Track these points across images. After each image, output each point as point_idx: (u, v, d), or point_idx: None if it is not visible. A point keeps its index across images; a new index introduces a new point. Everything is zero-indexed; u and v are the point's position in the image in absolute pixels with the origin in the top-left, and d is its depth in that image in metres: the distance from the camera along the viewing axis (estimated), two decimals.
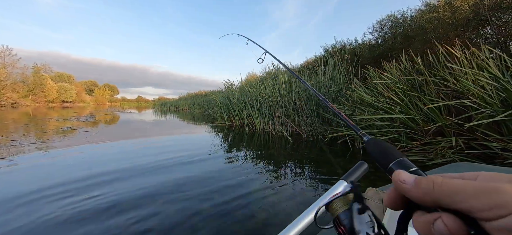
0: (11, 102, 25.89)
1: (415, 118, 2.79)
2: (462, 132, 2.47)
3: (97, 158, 2.93)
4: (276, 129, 5.45)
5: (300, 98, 5.22)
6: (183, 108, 22.23)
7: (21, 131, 5.20)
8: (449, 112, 2.76)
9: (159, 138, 4.56)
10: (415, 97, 2.90)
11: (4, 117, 9.58)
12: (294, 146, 3.72)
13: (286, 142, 4.12)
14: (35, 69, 34.67)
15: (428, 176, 0.20)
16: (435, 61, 3.60)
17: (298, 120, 5.20)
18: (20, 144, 3.64)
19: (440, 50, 3.49)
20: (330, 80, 5.22)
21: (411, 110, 2.85)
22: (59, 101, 39.52)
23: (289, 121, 5.18)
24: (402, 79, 3.42)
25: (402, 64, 4.07)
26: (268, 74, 9.47)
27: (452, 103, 2.47)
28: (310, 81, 5.57)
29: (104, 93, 67.51)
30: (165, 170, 2.46)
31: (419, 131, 2.76)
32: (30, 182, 2.05)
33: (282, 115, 5.27)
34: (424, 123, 2.75)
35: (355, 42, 9.64)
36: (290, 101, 5.36)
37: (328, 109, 4.33)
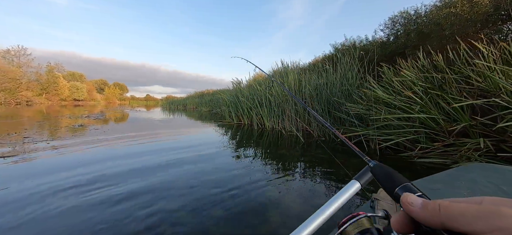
0: (26, 100, 26.78)
1: (436, 118, 2.64)
2: (489, 133, 2.31)
3: (108, 154, 2.93)
4: (286, 128, 5.36)
5: (311, 96, 5.11)
6: (191, 107, 22.38)
7: (37, 128, 5.31)
8: (473, 111, 2.60)
9: (168, 136, 4.54)
10: (437, 96, 2.75)
11: (20, 114, 9.88)
12: (305, 146, 3.62)
13: (297, 142, 4.02)
14: (48, 68, 35.73)
15: (435, 200, 0.21)
16: (456, 58, 3.42)
17: (309, 119, 5.09)
18: (34, 141, 3.69)
19: (461, 45, 3.31)
20: (342, 78, 5.07)
21: (432, 109, 2.70)
22: (71, 99, 40.63)
23: (299, 120, 5.08)
24: (420, 76, 3.26)
25: (419, 61, 3.90)
26: (275, 72, 9.39)
27: (479, 102, 2.31)
28: (321, 79, 5.45)
29: (114, 91, 68.94)
30: (175, 167, 2.43)
31: (441, 131, 2.61)
32: (47, 175, 2.11)
33: (292, 114, 5.17)
34: (446, 123, 2.60)
35: (366, 39, 9.42)
36: (299, 99, 5.26)
37: (341, 108, 4.20)
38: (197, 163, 2.62)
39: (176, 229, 1.33)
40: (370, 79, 3.96)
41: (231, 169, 2.41)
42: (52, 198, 1.67)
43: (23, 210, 1.49)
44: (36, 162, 2.58)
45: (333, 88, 4.82)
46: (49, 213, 1.47)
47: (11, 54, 30.70)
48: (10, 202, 1.60)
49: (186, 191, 1.84)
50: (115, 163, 2.50)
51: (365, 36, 9.27)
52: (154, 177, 2.13)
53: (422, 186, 0.89)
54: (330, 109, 4.52)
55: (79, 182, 1.98)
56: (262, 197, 1.76)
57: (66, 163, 2.56)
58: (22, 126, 5.53)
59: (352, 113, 3.58)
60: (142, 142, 3.87)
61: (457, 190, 0.84)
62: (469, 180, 0.93)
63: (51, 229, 1.32)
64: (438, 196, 0.72)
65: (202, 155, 3.00)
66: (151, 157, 2.84)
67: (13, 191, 1.77)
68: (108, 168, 2.35)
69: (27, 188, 1.82)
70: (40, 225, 1.35)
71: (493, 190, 0.82)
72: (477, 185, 0.87)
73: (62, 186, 1.87)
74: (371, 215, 0.35)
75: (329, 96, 4.68)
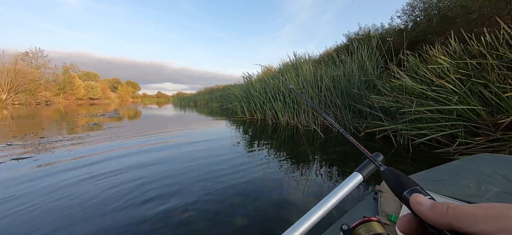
0: (45, 100, 27.92)
1: (477, 110, 2.36)
2: None
3: (125, 151, 2.87)
4: (302, 122, 5.15)
5: (328, 88, 4.85)
6: (201, 103, 22.48)
7: (54, 127, 5.41)
8: None
9: (183, 132, 4.46)
10: (479, 85, 2.45)
11: (39, 114, 10.23)
12: (324, 141, 3.42)
13: (315, 137, 3.82)
14: (64, 69, 36.97)
15: (443, 202, 0.21)
16: (493, 41, 3.06)
17: (326, 112, 4.85)
18: (49, 141, 3.72)
19: (501, 26, 2.95)
20: (360, 68, 4.77)
21: (472, 100, 2.42)
22: (87, 98, 42.01)
23: (317, 113, 4.85)
24: (452, 63, 2.95)
25: (450, 47, 3.56)
26: (285, 65, 9.11)
27: None
28: (338, 70, 5.17)
29: (127, 90, 70.59)
30: (191, 162, 2.33)
31: (483, 124, 2.33)
32: (71, 170, 2.16)
33: (310, 108, 4.94)
34: (489, 116, 2.32)
35: (382, 27, 8.94)
36: (316, 92, 5.01)
37: (362, 100, 3.94)
38: (213, 161, 2.49)
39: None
40: (394, 69, 3.66)
41: (250, 169, 2.27)
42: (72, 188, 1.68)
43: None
44: (47, 164, 2.54)
45: (352, 80, 4.54)
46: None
47: (29, 56, 31.96)
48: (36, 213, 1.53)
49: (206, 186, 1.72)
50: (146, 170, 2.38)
51: (381, 24, 8.79)
52: (174, 171, 2.02)
53: (428, 177, 0.87)
54: (350, 102, 4.26)
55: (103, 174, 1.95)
56: (280, 196, 1.60)
57: (83, 159, 2.51)
58: (40, 126, 5.65)
59: (376, 105, 3.32)
60: (158, 140, 3.80)
61: (463, 180, 0.82)
62: (475, 171, 0.90)
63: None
64: (445, 187, 0.73)
65: (217, 154, 2.88)
66: (163, 153, 2.75)
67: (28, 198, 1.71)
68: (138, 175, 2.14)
69: (38, 193, 1.75)
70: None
71: (500, 181, 0.79)
72: (484, 176, 0.84)
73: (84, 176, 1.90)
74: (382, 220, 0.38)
75: (348, 88, 4.41)
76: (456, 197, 0.70)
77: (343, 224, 0.37)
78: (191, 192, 1.73)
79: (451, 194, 0.72)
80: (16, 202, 1.60)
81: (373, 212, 0.64)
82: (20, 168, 2.31)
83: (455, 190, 0.75)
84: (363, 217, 0.44)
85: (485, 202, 0.80)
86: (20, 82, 25.33)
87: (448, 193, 0.72)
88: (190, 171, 2.18)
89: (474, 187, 0.77)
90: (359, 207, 0.69)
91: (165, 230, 1.26)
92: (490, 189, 0.74)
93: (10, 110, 13.46)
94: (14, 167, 2.37)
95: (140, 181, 1.94)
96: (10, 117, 8.47)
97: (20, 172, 2.22)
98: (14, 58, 25.82)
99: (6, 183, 1.96)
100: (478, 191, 0.74)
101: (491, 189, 0.74)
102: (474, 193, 0.72)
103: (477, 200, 0.68)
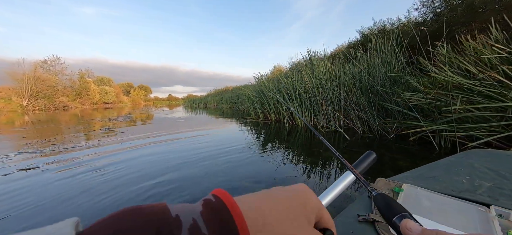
0: (62, 105, 29.03)
1: None
2: None
3: (142, 154, 2.73)
4: (321, 123, 4.85)
5: (348, 86, 4.53)
6: (212, 105, 22.51)
7: (69, 133, 5.42)
8: None
9: (196, 135, 4.30)
10: None
11: (57, 119, 10.50)
12: (349, 144, 3.12)
13: (338, 139, 3.53)
14: (80, 74, 38.37)
15: (433, 229, 0.22)
16: None
17: (346, 111, 4.54)
18: (60, 149, 3.66)
19: None
20: (383, 63, 4.42)
21: None
22: (102, 103, 43.32)
23: (338, 113, 4.54)
24: (503, 54, 2.57)
25: (490, 36, 3.16)
26: (297, 64, 8.80)
27: None
28: (356, 67, 4.83)
29: (139, 93, 72.37)
30: (210, 167, 2.12)
31: None
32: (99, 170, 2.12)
33: (330, 108, 4.64)
34: None
35: (398, 21, 8.49)
36: (334, 91, 4.70)
37: (390, 98, 3.60)
38: (233, 165, 2.28)
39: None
40: (424, 62, 3.31)
41: (268, 172, 2.03)
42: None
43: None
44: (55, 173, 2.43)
45: (376, 77, 4.19)
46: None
47: (47, 64, 33.40)
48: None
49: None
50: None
51: (397, 17, 8.34)
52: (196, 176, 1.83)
53: (422, 173, 0.88)
54: (374, 100, 3.93)
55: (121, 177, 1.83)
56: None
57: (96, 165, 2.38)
58: (54, 131, 5.68)
59: (410, 103, 2.98)
60: (172, 143, 3.65)
61: (456, 176, 0.83)
62: (468, 166, 0.92)
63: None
64: (438, 183, 0.76)
65: (237, 156, 2.66)
66: (180, 156, 2.57)
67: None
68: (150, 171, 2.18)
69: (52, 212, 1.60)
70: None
71: (492, 176, 0.81)
72: (476, 172, 0.86)
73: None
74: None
75: (371, 85, 4.07)
76: (449, 193, 0.70)
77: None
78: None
79: (444, 189, 0.72)
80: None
81: (367, 211, 0.63)
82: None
83: (448, 186, 0.75)
84: (357, 215, 0.54)
85: (477, 197, 0.64)
86: (40, 88, 26.45)
87: (442, 189, 0.72)
88: (207, 173, 2.10)
89: (467, 182, 0.77)
90: (353, 206, 0.67)
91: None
92: (482, 184, 0.75)
93: (31, 115, 13.96)
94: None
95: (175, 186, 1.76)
96: (31, 122, 8.70)
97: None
98: (33, 65, 26.96)
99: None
100: (471, 186, 0.75)
101: (483, 184, 0.75)
102: (467, 189, 0.73)
103: (469, 195, 0.68)
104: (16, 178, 2.17)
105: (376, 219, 0.57)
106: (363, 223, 0.58)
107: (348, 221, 0.60)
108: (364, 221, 0.59)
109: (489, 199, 0.65)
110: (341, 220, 0.61)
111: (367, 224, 0.58)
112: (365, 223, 0.58)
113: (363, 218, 0.59)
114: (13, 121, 10.03)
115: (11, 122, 9.39)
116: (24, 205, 1.63)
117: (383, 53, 4.65)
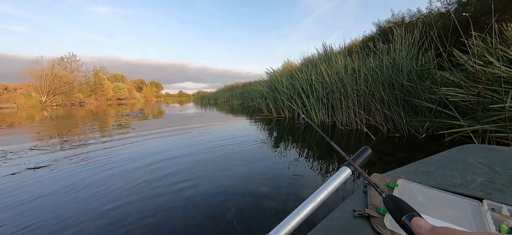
0: (79, 101, 30.01)
1: None
2: None
3: (158, 146, 2.66)
4: (340, 121, 4.59)
5: (369, 81, 4.24)
6: (222, 101, 22.51)
7: (85, 127, 5.47)
8: None
9: (204, 132, 4.18)
10: None
11: (73, 114, 10.79)
12: (376, 144, 2.87)
13: (359, 138, 3.29)
14: (95, 71, 39.52)
15: (442, 226, 0.22)
16: None
17: (368, 107, 4.26)
18: (71, 146, 3.64)
19: None
20: (408, 57, 4.09)
21: None
22: (115, 99, 44.48)
23: (359, 110, 4.27)
24: None
25: None
26: (309, 59, 8.49)
27: None
28: (377, 61, 4.52)
29: (151, 90, 73.73)
30: (227, 166, 1.98)
31: None
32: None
33: (351, 104, 4.37)
34: None
35: (419, 12, 8.00)
36: (354, 86, 4.42)
37: (421, 94, 3.29)
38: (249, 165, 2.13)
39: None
40: (460, 55, 2.98)
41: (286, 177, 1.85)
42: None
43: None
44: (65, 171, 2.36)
45: (400, 70, 3.88)
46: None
47: (64, 61, 34.60)
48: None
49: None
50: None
51: (418, 8, 7.85)
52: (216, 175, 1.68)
53: (417, 169, 0.89)
54: (400, 96, 3.63)
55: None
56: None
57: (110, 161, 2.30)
58: (69, 127, 5.75)
59: (447, 100, 2.68)
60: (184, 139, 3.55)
61: (450, 171, 0.83)
62: (462, 161, 0.93)
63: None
64: (432, 178, 0.78)
65: (250, 157, 2.50)
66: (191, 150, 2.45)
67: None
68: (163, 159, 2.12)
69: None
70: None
71: (485, 171, 0.82)
72: (470, 166, 0.87)
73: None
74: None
75: (397, 80, 3.77)
76: (442, 187, 0.71)
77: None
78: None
79: (438, 184, 0.73)
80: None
81: (362, 206, 0.63)
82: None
83: (442, 181, 0.76)
84: (353, 210, 0.57)
85: (470, 191, 0.67)
86: (57, 85, 27.42)
87: (436, 184, 0.74)
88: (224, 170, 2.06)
89: (460, 177, 0.78)
90: (349, 201, 0.66)
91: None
92: (475, 179, 0.76)
93: (49, 111, 14.45)
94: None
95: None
96: (50, 117, 8.95)
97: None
98: (51, 62, 27.95)
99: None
100: (464, 181, 0.76)
101: (476, 178, 0.77)
102: (460, 183, 0.74)
103: (462, 189, 0.69)
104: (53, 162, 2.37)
105: (371, 214, 0.57)
106: (359, 218, 0.58)
107: (344, 217, 0.59)
108: (360, 216, 0.58)
109: (482, 193, 0.66)
110: (336, 216, 0.60)
111: (363, 219, 0.57)
112: (361, 218, 0.58)
113: (359, 213, 0.59)
114: (33, 116, 10.38)
115: (31, 117, 9.70)
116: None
117: (407, 45, 4.32)
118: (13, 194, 1.75)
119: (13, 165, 2.45)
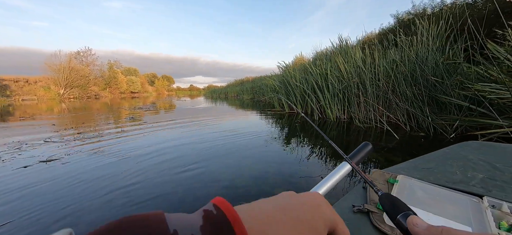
0: (94, 94, 31.04)
1: None
2: None
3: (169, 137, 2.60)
4: (357, 118, 4.37)
5: (387, 75, 3.98)
6: (232, 95, 22.48)
7: (100, 120, 5.57)
8: None
9: (218, 129, 4.10)
10: None
11: (89, 106, 11.12)
12: (400, 144, 2.68)
13: (380, 137, 3.09)
14: (109, 65, 40.61)
15: (439, 226, 0.22)
16: None
17: (388, 103, 4.01)
18: (86, 138, 3.68)
19: None
20: (433, 50, 3.78)
21: None
22: (129, 92, 45.67)
23: (378, 106, 4.04)
24: None
25: None
26: (323, 54, 8.18)
27: None
28: (398, 54, 4.24)
29: (163, 83, 75.01)
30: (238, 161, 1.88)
31: None
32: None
33: (370, 100, 4.14)
34: None
35: (442, 3, 7.48)
36: (373, 81, 4.17)
37: (448, 91, 3.03)
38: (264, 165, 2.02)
39: None
40: (496, 48, 2.68)
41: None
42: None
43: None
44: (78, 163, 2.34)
45: (424, 64, 3.59)
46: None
47: (80, 55, 35.71)
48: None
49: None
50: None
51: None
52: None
53: (417, 165, 0.87)
54: (424, 92, 3.36)
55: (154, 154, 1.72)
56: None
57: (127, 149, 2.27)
58: (83, 118, 5.87)
59: (482, 97, 2.43)
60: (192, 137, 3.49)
61: (450, 168, 0.83)
62: (462, 158, 0.91)
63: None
64: (433, 174, 0.77)
65: (262, 155, 2.39)
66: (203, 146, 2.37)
67: None
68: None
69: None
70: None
71: (486, 167, 0.82)
72: (470, 163, 0.86)
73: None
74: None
75: (421, 74, 3.50)
76: (443, 184, 0.70)
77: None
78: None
79: (438, 181, 0.72)
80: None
81: (362, 201, 0.63)
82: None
83: (442, 177, 0.76)
84: (352, 206, 0.57)
85: (471, 188, 0.67)
86: (74, 78, 28.41)
87: (436, 180, 0.73)
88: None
89: (460, 173, 0.77)
90: (349, 196, 0.66)
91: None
92: (475, 176, 0.75)
93: (67, 103, 14.99)
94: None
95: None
96: (67, 109, 9.25)
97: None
98: (68, 56, 28.92)
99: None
100: (464, 177, 0.75)
101: (476, 175, 0.76)
102: (460, 180, 0.73)
103: (463, 186, 0.68)
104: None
105: (370, 209, 0.57)
106: (358, 214, 0.58)
107: (343, 212, 0.59)
108: (359, 212, 0.58)
109: (482, 190, 0.66)
110: (336, 211, 0.46)
111: (362, 215, 0.57)
112: (360, 214, 0.58)
113: (358, 208, 0.58)
114: (52, 108, 10.78)
115: (50, 109, 10.07)
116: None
117: (431, 37, 4.00)
118: (21, 187, 1.74)
119: (27, 158, 2.47)
